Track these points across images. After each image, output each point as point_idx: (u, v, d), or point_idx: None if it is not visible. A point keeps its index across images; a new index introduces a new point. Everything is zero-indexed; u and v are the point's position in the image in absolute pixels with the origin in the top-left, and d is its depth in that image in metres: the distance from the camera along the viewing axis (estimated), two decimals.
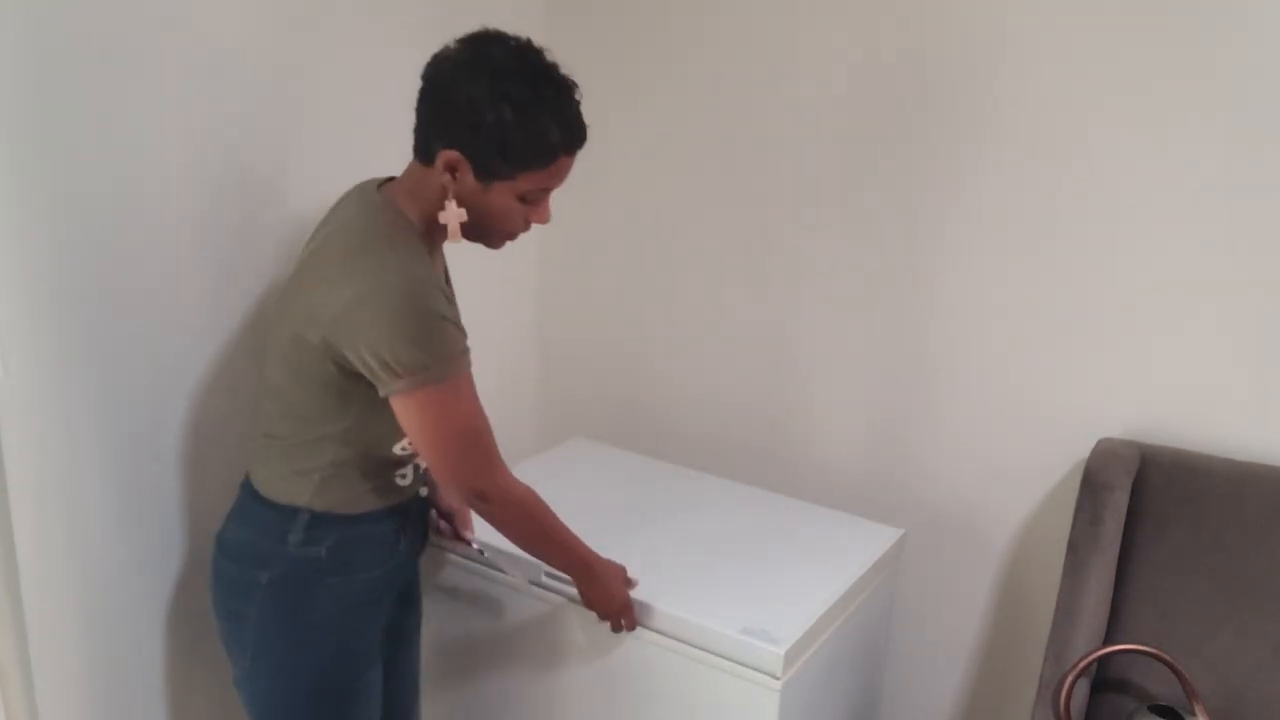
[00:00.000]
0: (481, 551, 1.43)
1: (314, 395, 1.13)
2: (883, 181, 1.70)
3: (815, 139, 1.75)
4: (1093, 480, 1.44)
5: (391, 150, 1.68)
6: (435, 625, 1.55)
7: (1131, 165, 1.48)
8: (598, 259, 2.09)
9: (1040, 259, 1.58)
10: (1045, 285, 1.59)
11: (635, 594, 1.34)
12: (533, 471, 1.70)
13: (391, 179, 1.22)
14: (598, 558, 1.29)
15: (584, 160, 2.03)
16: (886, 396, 1.78)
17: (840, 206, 1.76)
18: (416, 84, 1.30)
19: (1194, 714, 1.28)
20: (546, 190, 1.16)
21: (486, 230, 1.17)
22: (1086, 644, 1.32)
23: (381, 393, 1.08)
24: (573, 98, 1.14)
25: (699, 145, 1.89)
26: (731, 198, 1.87)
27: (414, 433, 1.11)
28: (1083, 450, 1.60)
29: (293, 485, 1.18)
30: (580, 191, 2.06)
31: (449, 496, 1.41)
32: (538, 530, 1.23)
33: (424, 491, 1.33)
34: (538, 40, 1.16)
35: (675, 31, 1.87)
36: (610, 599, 1.29)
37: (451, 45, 1.12)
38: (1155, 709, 1.30)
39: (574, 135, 1.14)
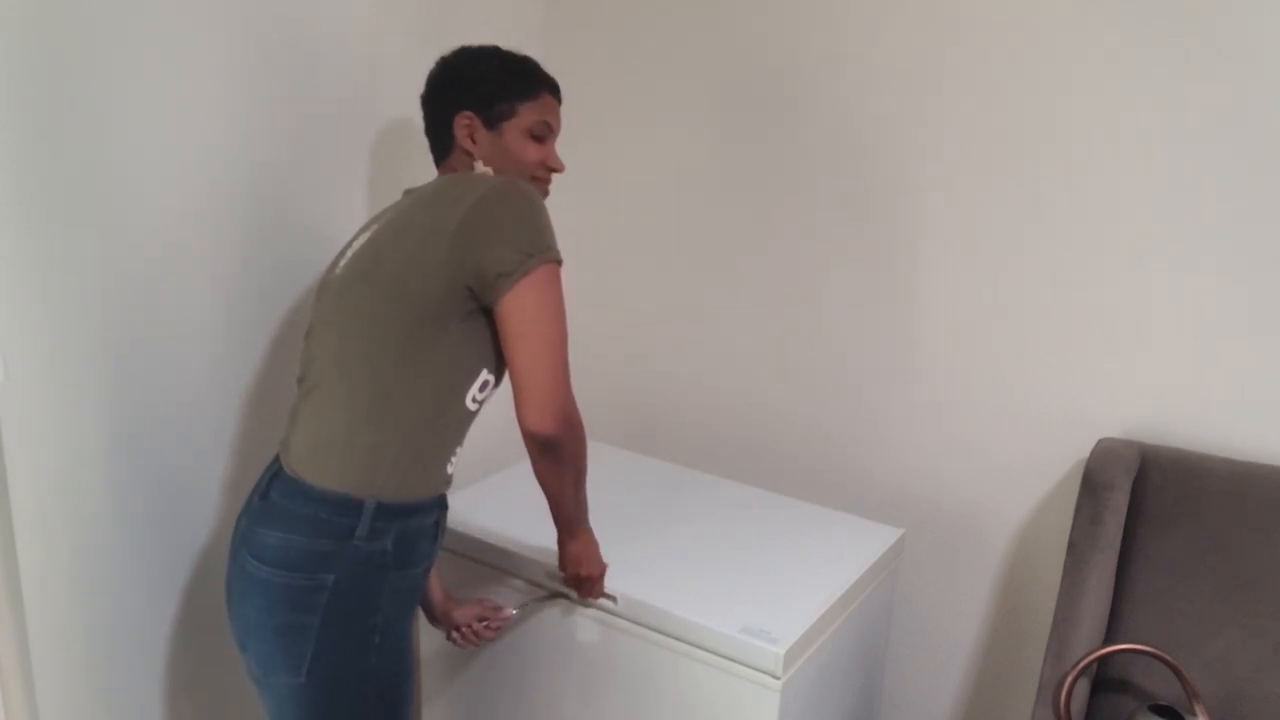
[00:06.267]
0: (525, 605, 1.45)
1: (408, 331, 1.13)
2: (884, 182, 1.70)
3: (816, 141, 1.76)
4: (1093, 480, 1.44)
5: (397, 154, 1.70)
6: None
7: (1132, 164, 1.48)
8: (599, 262, 2.09)
9: (1040, 259, 1.58)
10: (1045, 285, 1.59)
11: (635, 593, 1.34)
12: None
13: None
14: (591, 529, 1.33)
15: (587, 162, 2.05)
16: (887, 396, 1.78)
17: (841, 208, 1.76)
18: (417, 89, 1.33)
19: (1194, 714, 1.28)
20: (547, 125, 1.30)
21: (513, 170, 1.28)
22: (1086, 644, 1.32)
23: (500, 291, 1.11)
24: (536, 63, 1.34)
25: (701, 150, 1.89)
26: (734, 202, 1.88)
27: (529, 321, 1.12)
28: (1083, 450, 1.60)
29: (365, 465, 1.14)
30: (581, 194, 2.06)
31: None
32: (583, 468, 1.23)
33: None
34: (537, 49, 1.26)
35: (676, 36, 1.87)
36: (592, 561, 1.32)
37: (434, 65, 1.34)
38: (1155, 709, 1.30)
39: (549, 77, 1.33)
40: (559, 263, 1.16)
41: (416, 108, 1.71)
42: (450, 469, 1.24)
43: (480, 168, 1.29)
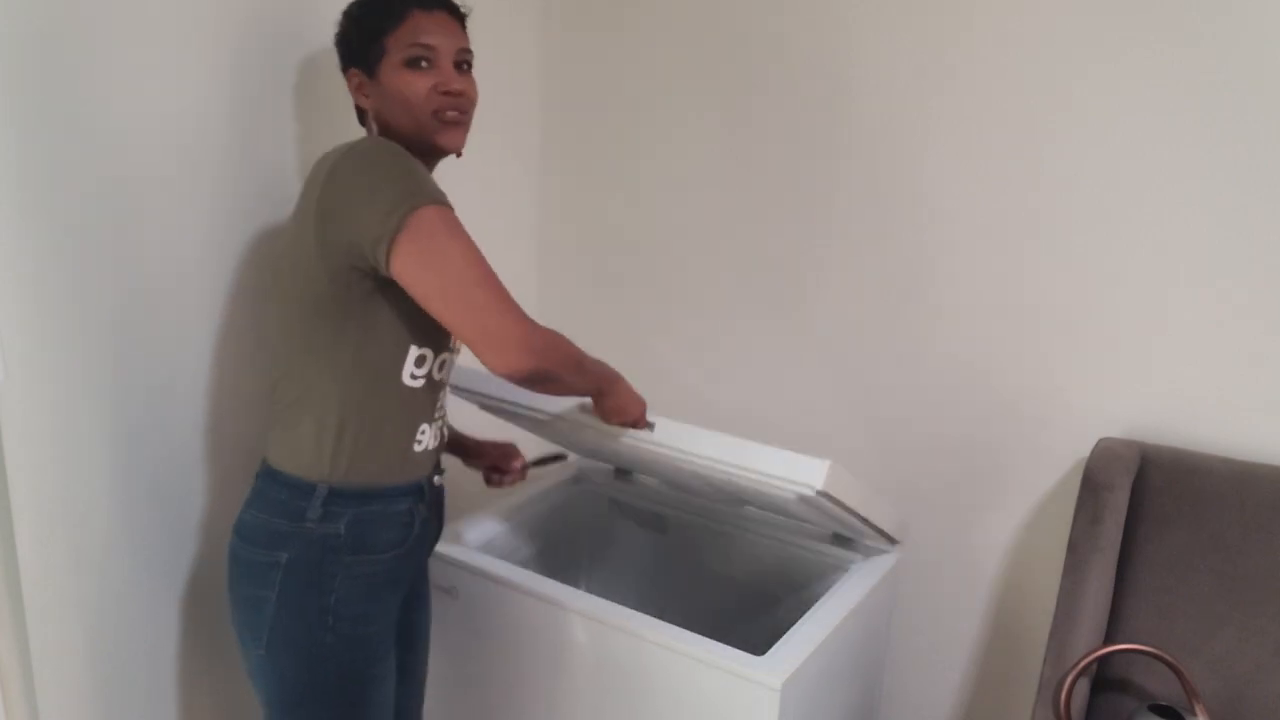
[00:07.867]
0: (562, 456, 1.46)
1: (317, 320, 1.13)
2: (882, 181, 1.70)
3: (816, 141, 1.76)
4: (1093, 480, 1.44)
5: None
6: (436, 624, 1.55)
7: (1132, 164, 1.48)
8: (598, 262, 2.09)
9: (1040, 258, 1.58)
10: (1045, 285, 1.59)
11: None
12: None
13: None
14: (613, 370, 1.31)
15: (586, 162, 2.04)
16: (885, 396, 1.78)
17: (838, 206, 1.76)
18: None
19: (1194, 714, 1.28)
20: (421, 47, 1.15)
21: (405, 114, 1.17)
22: (1086, 644, 1.32)
23: (384, 258, 1.04)
24: None
25: (699, 150, 1.89)
26: (729, 197, 1.87)
27: (431, 275, 1.05)
28: (1083, 450, 1.60)
29: (310, 451, 1.16)
30: (581, 194, 2.06)
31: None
32: (574, 364, 1.18)
33: (439, 480, 1.32)
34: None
35: (677, 37, 1.87)
36: (631, 408, 1.33)
37: None
38: (1155, 709, 1.30)
39: None
40: (438, 204, 1.06)
41: None
42: (419, 448, 1.22)
43: (371, 122, 1.21)
